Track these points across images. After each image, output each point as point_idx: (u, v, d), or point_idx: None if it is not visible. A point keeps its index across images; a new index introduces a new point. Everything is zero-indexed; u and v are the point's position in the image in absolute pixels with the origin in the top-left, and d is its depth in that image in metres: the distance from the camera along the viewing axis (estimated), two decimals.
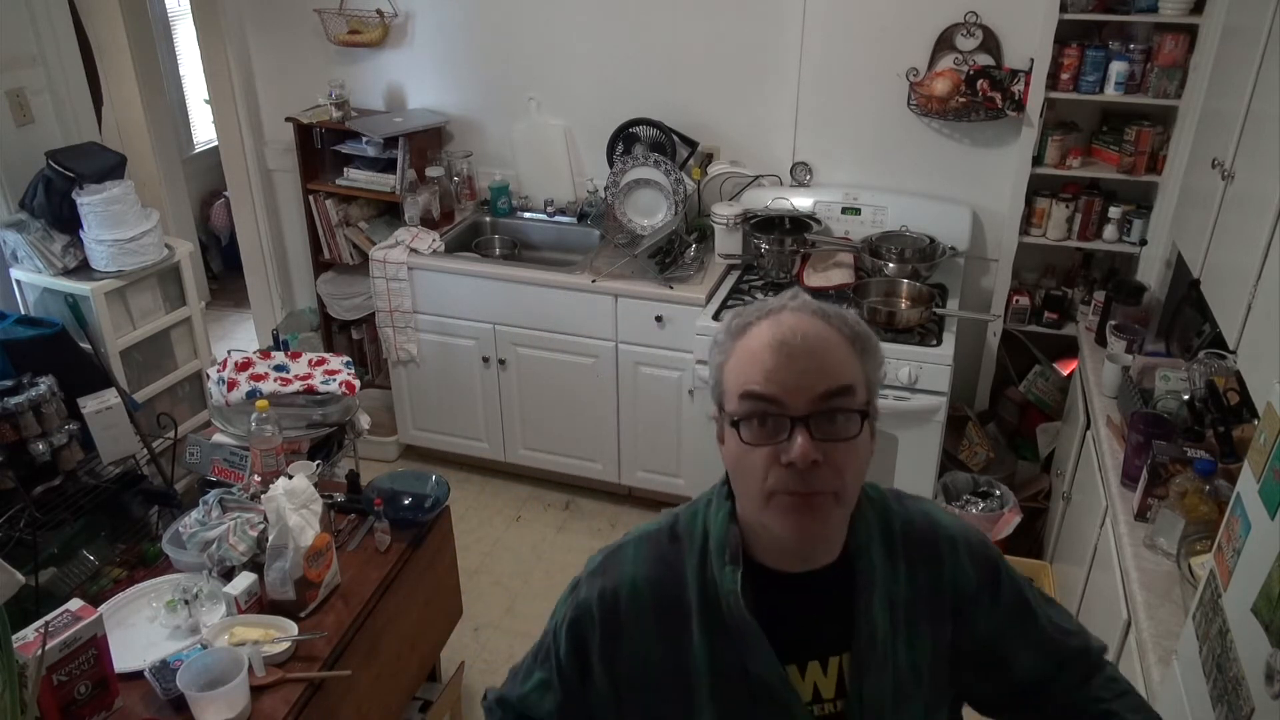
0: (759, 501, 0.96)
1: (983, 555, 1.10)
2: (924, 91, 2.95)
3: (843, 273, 3.02)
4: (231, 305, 5.03)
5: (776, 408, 0.94)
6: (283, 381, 2.56)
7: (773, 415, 0.94)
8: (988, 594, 1.08)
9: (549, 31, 3.35)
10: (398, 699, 2.26)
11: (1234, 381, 2.12)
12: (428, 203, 3.45)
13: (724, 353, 0.99)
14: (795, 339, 0.95)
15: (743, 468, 0.97)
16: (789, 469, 0.93)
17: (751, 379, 0.95)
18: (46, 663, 1.57)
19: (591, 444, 3.36)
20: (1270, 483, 1.25)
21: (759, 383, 0.94)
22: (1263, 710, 1.17)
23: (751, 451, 0.95)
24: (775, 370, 0.94)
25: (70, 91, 3.26)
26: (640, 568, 1.08)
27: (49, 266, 3.03)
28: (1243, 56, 2.14)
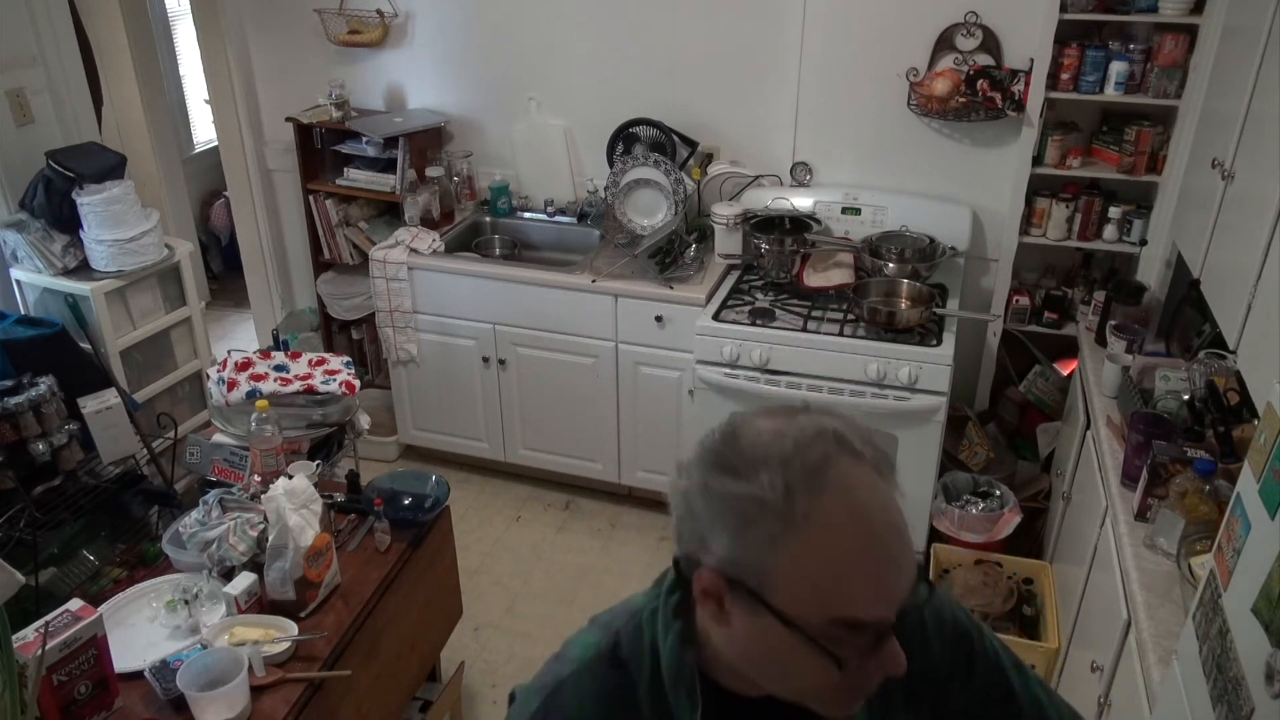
0: (794, 693, 0.82)
1: (953, 631, 0.97)
2: (924, 91, 2.95)
3: (843, 273, 3.02)
4: (231, 305, 5.03)
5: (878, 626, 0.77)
6: (283, 381, 2.56)
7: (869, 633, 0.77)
8: (962, 671, 0.97)
9: (549, 31, 3.35)
10: (398, 699, 2.26)
11: (1234, 381, 2.12)
12: (428, 203, 3.45)
13: (774, 542, 0.75)
14: (890, 532, 0.76)
15: (785, 668, 0.80)
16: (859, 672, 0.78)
17: (851, 602, 0.75)
18: (46, 663, 1.57)
19: (591, 444, 3.36)
20: (1270, 483, 1.25)
21: (863, 605, 0.75)
22: (1263, 710, 1.17)
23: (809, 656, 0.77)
24: (882, 584, 0.76)
25: (70, 91, 3.26)
26: (586, 711, 0.89)
27: (49, 266, 3.03)
28: (1243, 56, 2.14)
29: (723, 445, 0.79)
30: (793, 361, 2.77)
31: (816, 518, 0.74)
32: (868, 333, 2.77)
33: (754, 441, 0.77)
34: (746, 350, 2.80)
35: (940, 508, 2.81)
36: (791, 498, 0.74)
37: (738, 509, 0.76)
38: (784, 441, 0.77)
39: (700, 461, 0.79)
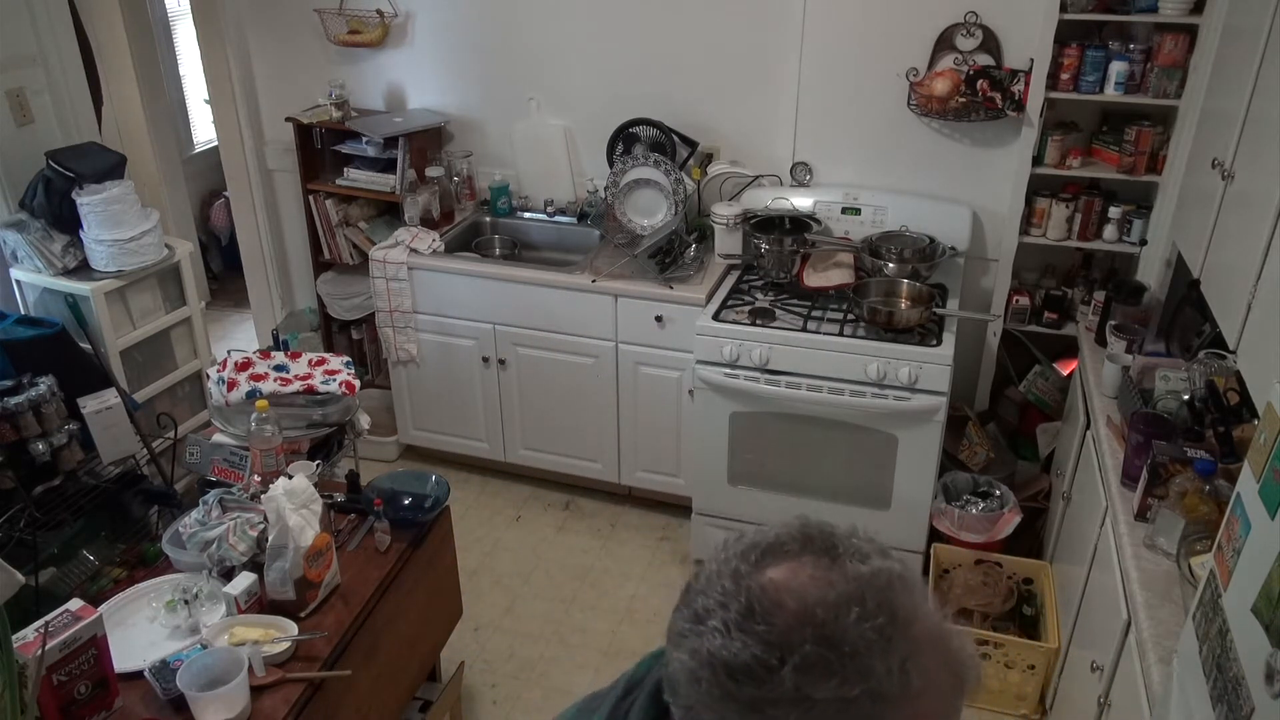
0: None
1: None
2: (924, 91, 2.95)
3: (843, 273, 3.02)
4: (231, 305, 5.03)
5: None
6: (283, 381, 2.56)
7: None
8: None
9: (549, 31, 3.35)
10: (398, 699, 2.26)
11: (1234, 381, 2.12)
12: (428, 203, 3.45)
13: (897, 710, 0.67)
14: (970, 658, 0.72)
15: None
16: None
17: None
18: (46, 663, 1.57)
19: (591, 444, 3.36)
20: (1270, 483, 1.25)
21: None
22: (1263, 710, 1.17)
23: None
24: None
25: (70, 91, 3.26)
26: None
27: (49, 266, 3.03)
28: (1243, 56, 2.14)
29: (808, 644, 0.66)
30: (793, 361, 2.77)
31: (928, 685, 0.68)
32: (868, 333, 2.77)
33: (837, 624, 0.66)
34: (746, 350, 2.80)
35: (940, 508, 2.82)
36: (907, 675, 0.67)
37: (852, 711, 0.66)
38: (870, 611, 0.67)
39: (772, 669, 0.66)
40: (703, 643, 0.68)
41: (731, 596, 0.69)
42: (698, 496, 3.08)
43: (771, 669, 0.65)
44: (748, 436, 2.90)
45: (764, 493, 2.96)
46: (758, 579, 0.69)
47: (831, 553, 0.71)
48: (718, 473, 2.99)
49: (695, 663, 0.69)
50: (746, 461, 2.95)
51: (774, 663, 0.65)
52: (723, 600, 0.69)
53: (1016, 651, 2.55)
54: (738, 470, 2.97)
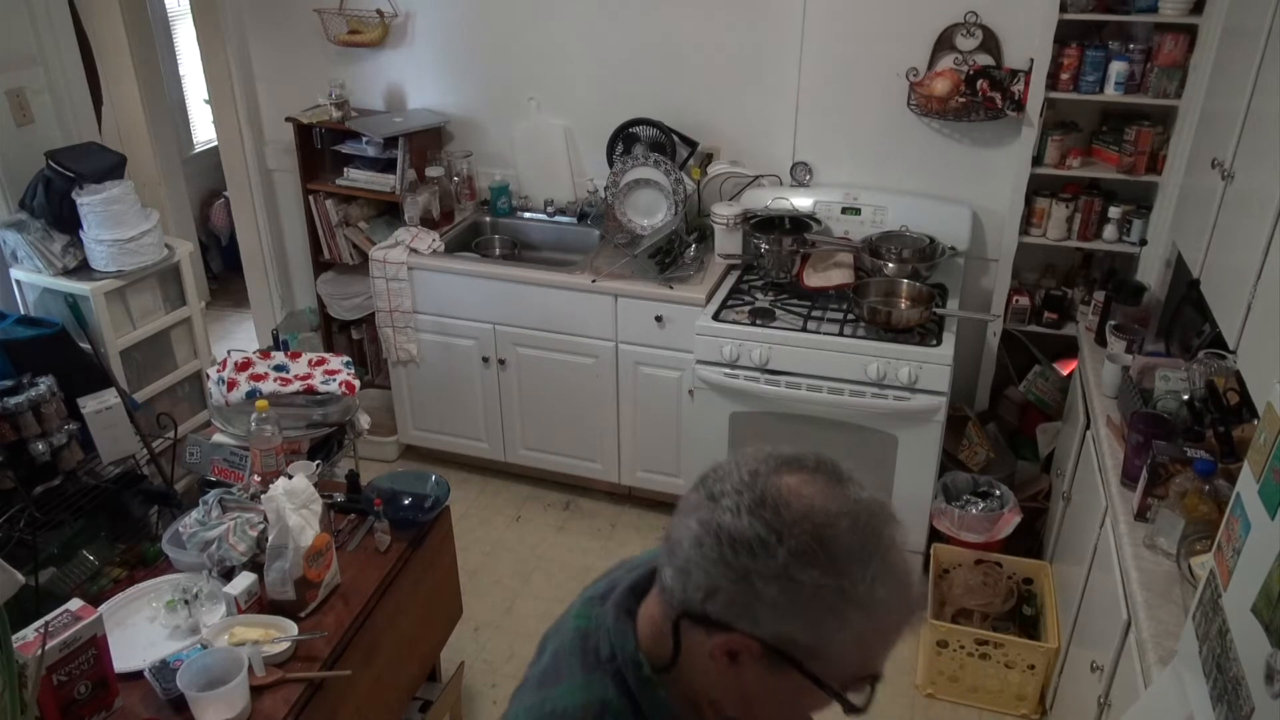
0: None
1: None
2: (924, 91, 2.95)
3: (842, 273, 3.02)
4: (231, 305, 5.03)
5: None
6: (283, 381, 2.56)
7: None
8: None
9: (549, 31, 3.35)
10: (398, 699, 2.26)
11: (1234, 381, 2.12)
12: (428, 203, 3.45)
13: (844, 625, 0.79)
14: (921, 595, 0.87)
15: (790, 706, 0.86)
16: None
17: (880, 662, 0.83)
18: (46, 663, 1.57)
19: (591, 444, 3.36)
20: (1270, 483, 1.25)
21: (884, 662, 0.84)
22: (1263, 710, 1.17)
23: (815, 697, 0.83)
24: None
25: (70, 91, 3.26)
26: None
27: (49, 266, 3.03)
28: (1243, 56, 2.14)
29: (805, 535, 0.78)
30: (793, 361, 2.77)
31: (886, 601, 0.79)
32: (868, 333, 2.77)
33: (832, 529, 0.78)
34: (746, 350, 2.80)
35: (940, 508, 2.82)
36: (873, 587, 0.78)
37: (822, 599, 0.78)
38: (862, 529, 0.79)
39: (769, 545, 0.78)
40: (714, 516, 0.80)
41: (747, 487, 0.80)
42: None
43: (768, 547, 0.77)
44: (748, 436, 2.90)
45: None
46: (773, 480, 0.81)
47: (838, 477, 0.83)
48: None
49: (702, 530, 0.80)
50: None
51: (772, 542, 0.77)
52: (738, 489, 0.80)
53: (1016, 651, 2.55)
54: None
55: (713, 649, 0.82)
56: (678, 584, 0.82)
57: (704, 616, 0.81)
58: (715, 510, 0.80)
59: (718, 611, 0.80)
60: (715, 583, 0.79)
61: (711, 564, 0.79)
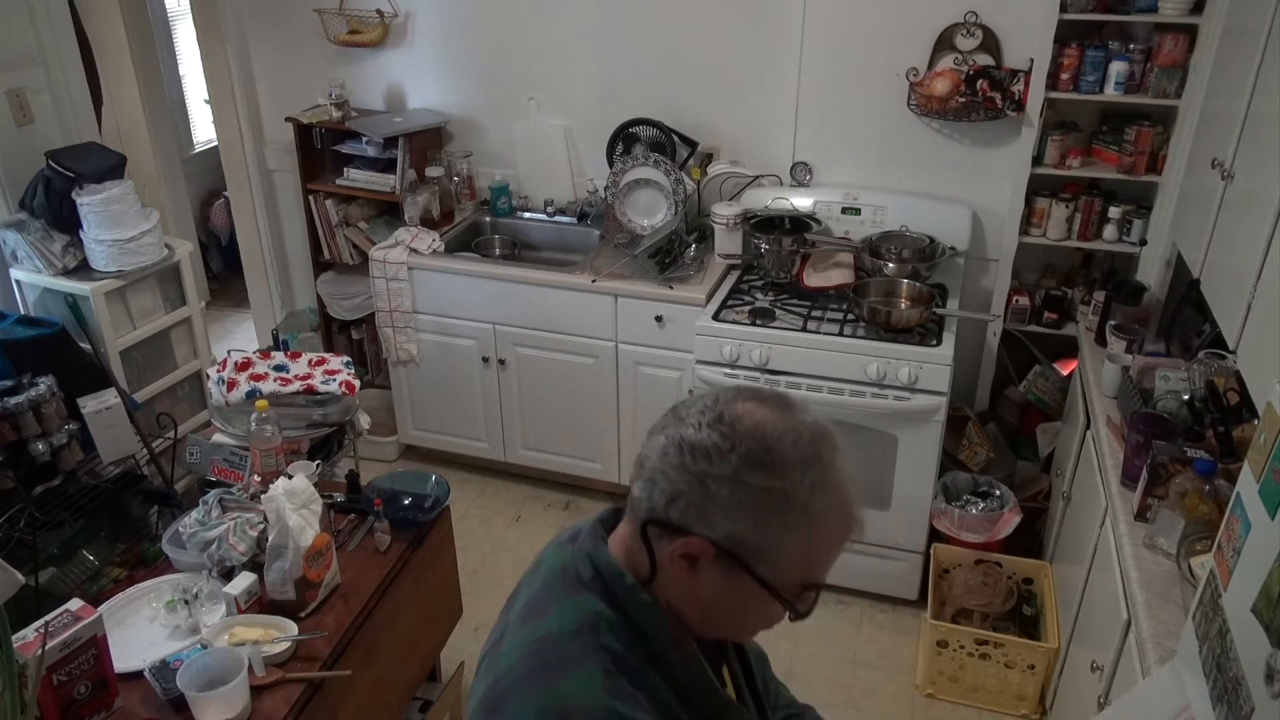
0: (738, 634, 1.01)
1: None
2: (924, 91, 2.95)
3: (842, 273, 3.02)
4: (231, 305, 5.03)
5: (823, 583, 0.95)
6: (283, 381, 2.56)
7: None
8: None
9: (549, 32, 3.35)
10: (398, 699, 2.26)
11: (1234, 381, 2.12)
12: (428, 203, 3.45)
13: (788, 528, 0.88)
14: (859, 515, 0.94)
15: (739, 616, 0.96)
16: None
17: (822, 570, 0.93)
18: (46, 663, 1.57)
19: (591, 444, 3.36)
20: (1270, 483, 1.25)
21: (826, 571, 0.93)
22: (1263, 710, 1.17)
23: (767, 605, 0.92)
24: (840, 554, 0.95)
25: (70, 91, 3.26)
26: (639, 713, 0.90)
27: (49, 266, 3.03)
28: (1243, 56, 2.14)
29: (753, 443, 0.88)
30: (793, 361, 2.77)
31: (825, 509, 0.89)
32: (868, 333, 2.77)
33: (778, 440, 0.89)
34: (746, 350, 2.80)
35: (940, 508, 2.82)
36: (813, 493, 0.88)
37: (768, 501, 0.88)
38: (804, 443, 0.90)
39: (722, 452, 0.88)
40: (677, 430, 0.91)
41: (709, 409, 0.92)
42: None
43: (722, 453, 0.88)
44: None
45: None
46: (732, 405, 0.92)
47: (788, 405, 0.93)
48: None
49: (667, 441, 0.91)
50: None
51: (725, 449, 0.88)
52: (700, 410, 0.92)
53: (1016, 651, 2.55)
54: None
55: (673, 552, 0.91)
56: (644, 493, 0.92)
57: (666, 522, 0.91)
58: (680, 427, 0.91)
59: (678, 516, 0.90)
60: (677, 488, 0.89)
61: (674, 470, 0.89)
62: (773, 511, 0.88)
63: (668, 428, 0.93)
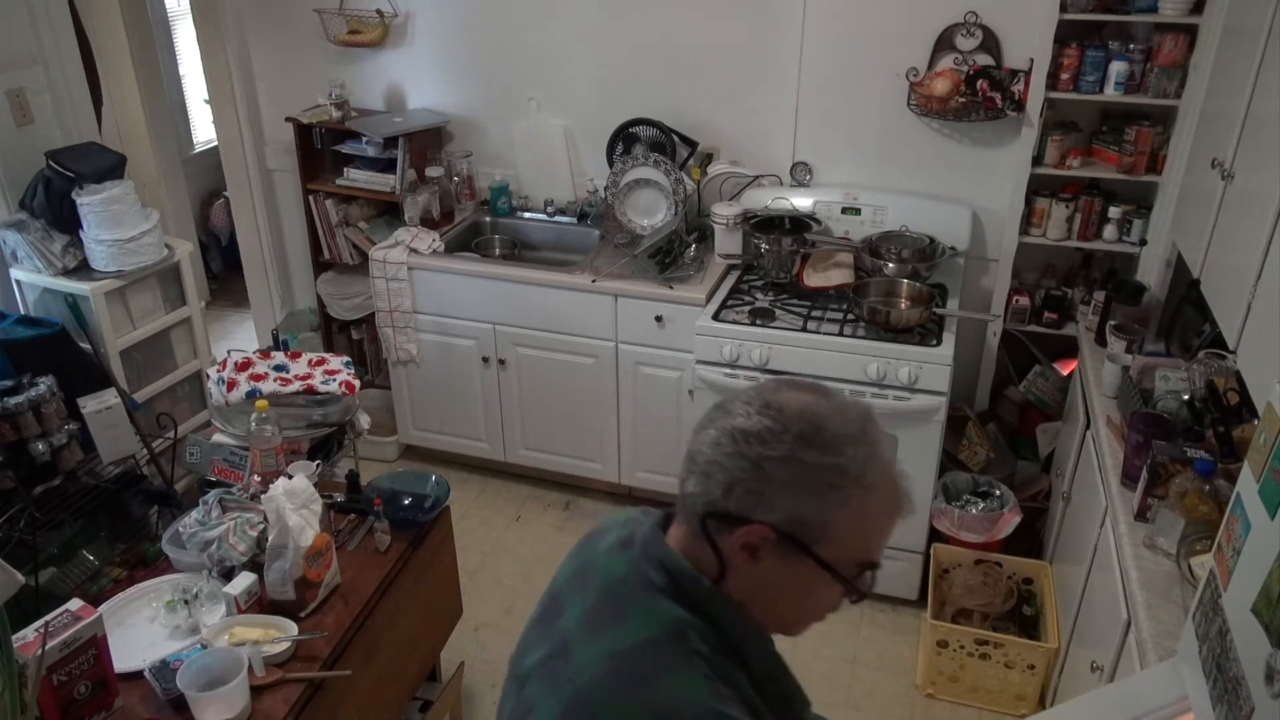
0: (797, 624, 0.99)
1: None
2: (924, 91, 2.95)
3: (842, 273, 3.02)
4: (231, 305, 5.03)
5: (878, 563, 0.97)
6: (283, 381, 2.56)
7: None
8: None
9: (549, 31, 3.35)
10: (398, 699, 2.26)
11: (1234, 381, 2.12)
12: (428, 203, 3.45)
13: (844, 504, 0.90)
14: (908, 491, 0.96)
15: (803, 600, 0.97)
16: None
17: (878, 549, 0.95)
18: (46, 663, 1.57)
19: (591, 444, 3.36)
20: (1270, 483, 1.25)
21: (881, 550, 0.96)
22: (1263, 710, 1.17)
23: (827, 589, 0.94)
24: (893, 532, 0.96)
25: (70, 91, 3.26)
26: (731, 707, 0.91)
27: (49, 266, 3.03)
28: (1243, 56, 2.14)
29: (805, 424, 0.91)
30: (793, 361, 2.77)
31: (876, 484, 0.91)
32: (868, 333, 2.77)
33: (827, 419, 0.92)
34: (746, 350, 2.80)
35: (940, 508, 2.82)
36: (865, 467, 0.91)
37: (824, 477, 0.90)
38: (852, 420, 0.93)
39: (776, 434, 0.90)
40: (727, 421, 0.93)
41: (754, 398, 0.94)
42: None
43: (776, 434, 0.90)
44: None
45: None
46: (777, 394, 0.94)
47: (826, 391, 0.96)
48: None
49: (718, 432, 0.93)
50: None
51: (778, 430, 0.90)
52: (746, 400, 0.94)
53: (1016, 651, 2.55)
54: None
55: (734, 544, 0.92)
56: (700, 487, 0.93)
57: (725, 513, 0.92)
58: (729, 418, 0.93)
59: (736, 504, 0.91)
60: (733, 476, 0.91)
61: (729, 458, 0.91)
62: (829, 487, 0.90)
63: (715, 421, 0.94)
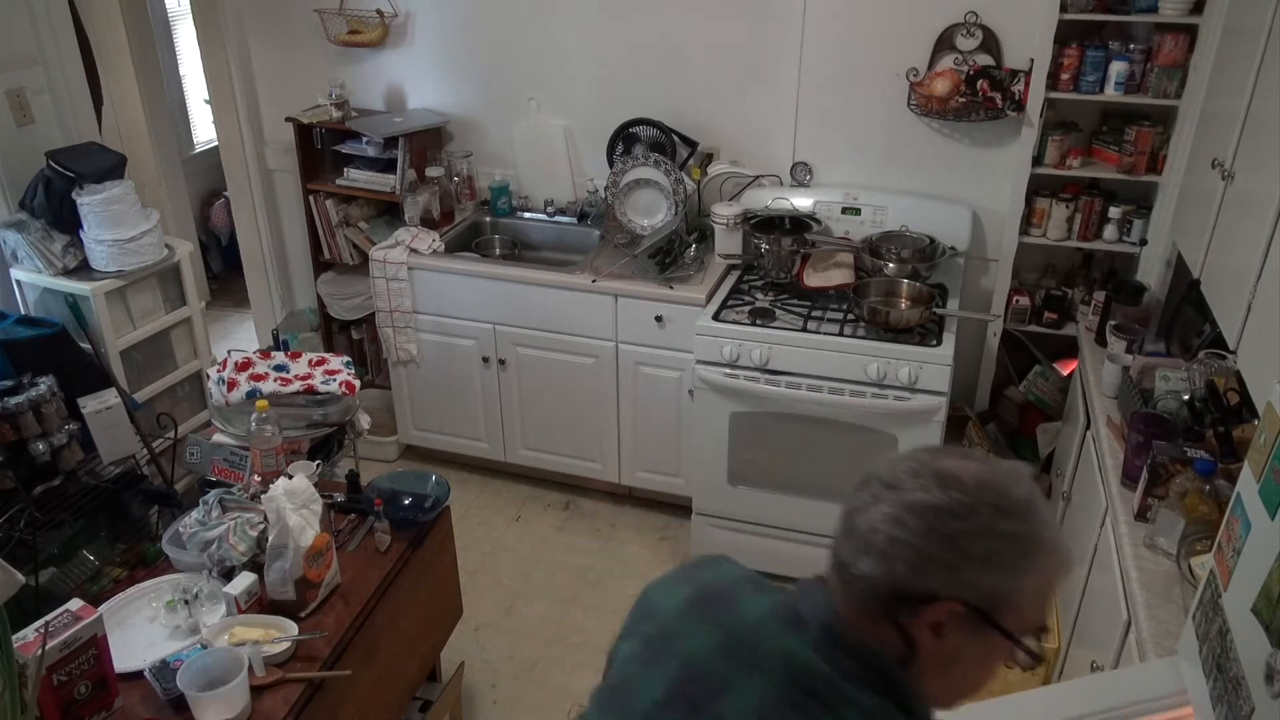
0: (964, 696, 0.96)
1: None
2: (924, 91, 2.95)
3: (843, 273, 3.02)
4: (231, 305, 5.03)
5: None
6: (283, 381, 2.56)
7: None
8: None
9: (549, 31, 3.35)
10: (398, 699, 2.26)
11: (1234, 381, 2.12)
12: (428, 203, 3.45)
13: (1033, 571, 0.89)
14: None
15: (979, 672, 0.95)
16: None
17: (1048, 611, 0.95)
18: (46, 663, 1.57)
19: (591, 444, 3.36)
20: (1270, 483, 1.25)
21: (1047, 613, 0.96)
22: (1263, 710, 1.17)
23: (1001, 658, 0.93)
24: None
25: (70, 91, 3.26)
26: None
27: (49, 266, 3.03)
28: (1243, 56, 2.14)
29: (992, 495, 0.89)
30: (793, 361, 2.77)
31: (1057, 545, 0.91)
32: (868, 333, 2.77)
33: (1009, 486, 0.90)
34: (746, 350, 2.80)
35: None
36: (1048, 530, 0.90)
37: (1017, 546, 0.88)
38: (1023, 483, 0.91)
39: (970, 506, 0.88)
40: (906, 497, 0.89)
41: (921, 472, 0.90)
42: (698, 497, 3.08)
43: (971, 508, 0.87)
44: (748, 437, 2.90)
45: (764, 493, 2.96)
46: (939, 463, 0.91)
47: (974, 455, 0.94)
48: (718, 473, 2.99)
49: (901, 511, 0.88)
50: (746, 462, 2.95)
51: (970, 502, 0.87)
52: (914, 472, 0.90)
53: None
54: (738, 470, 2.97)
55: (922, 623, 0.89)
56: (881, 569, 0.88)
57: (911, 593, 0.88)
58: (903, 494, 0.89)
59: (926, 583, 0.87)
60: (924, 554, 0.87)
61: (919, 537, 0.87)
62: (1021, 555, 0.88)
63: (881, 501, 0.90)
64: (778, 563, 3.05)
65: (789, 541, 2.99)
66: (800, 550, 2.99)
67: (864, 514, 0.90)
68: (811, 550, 2.97)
